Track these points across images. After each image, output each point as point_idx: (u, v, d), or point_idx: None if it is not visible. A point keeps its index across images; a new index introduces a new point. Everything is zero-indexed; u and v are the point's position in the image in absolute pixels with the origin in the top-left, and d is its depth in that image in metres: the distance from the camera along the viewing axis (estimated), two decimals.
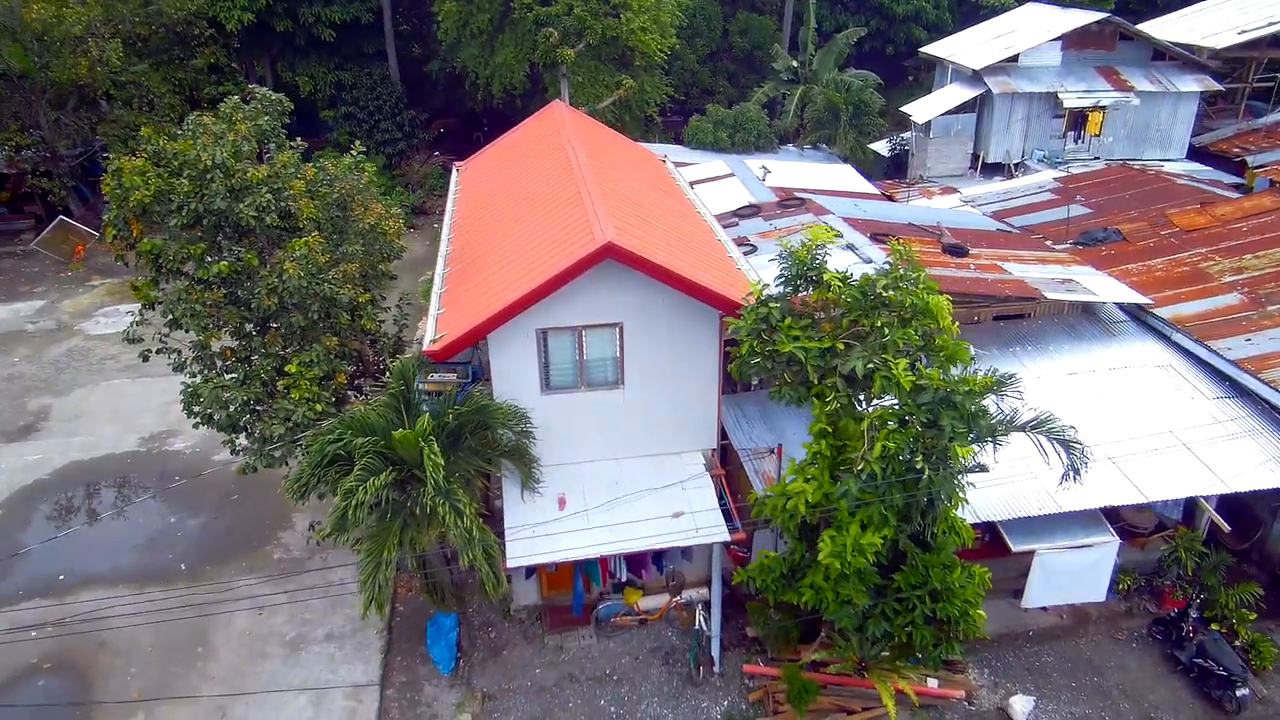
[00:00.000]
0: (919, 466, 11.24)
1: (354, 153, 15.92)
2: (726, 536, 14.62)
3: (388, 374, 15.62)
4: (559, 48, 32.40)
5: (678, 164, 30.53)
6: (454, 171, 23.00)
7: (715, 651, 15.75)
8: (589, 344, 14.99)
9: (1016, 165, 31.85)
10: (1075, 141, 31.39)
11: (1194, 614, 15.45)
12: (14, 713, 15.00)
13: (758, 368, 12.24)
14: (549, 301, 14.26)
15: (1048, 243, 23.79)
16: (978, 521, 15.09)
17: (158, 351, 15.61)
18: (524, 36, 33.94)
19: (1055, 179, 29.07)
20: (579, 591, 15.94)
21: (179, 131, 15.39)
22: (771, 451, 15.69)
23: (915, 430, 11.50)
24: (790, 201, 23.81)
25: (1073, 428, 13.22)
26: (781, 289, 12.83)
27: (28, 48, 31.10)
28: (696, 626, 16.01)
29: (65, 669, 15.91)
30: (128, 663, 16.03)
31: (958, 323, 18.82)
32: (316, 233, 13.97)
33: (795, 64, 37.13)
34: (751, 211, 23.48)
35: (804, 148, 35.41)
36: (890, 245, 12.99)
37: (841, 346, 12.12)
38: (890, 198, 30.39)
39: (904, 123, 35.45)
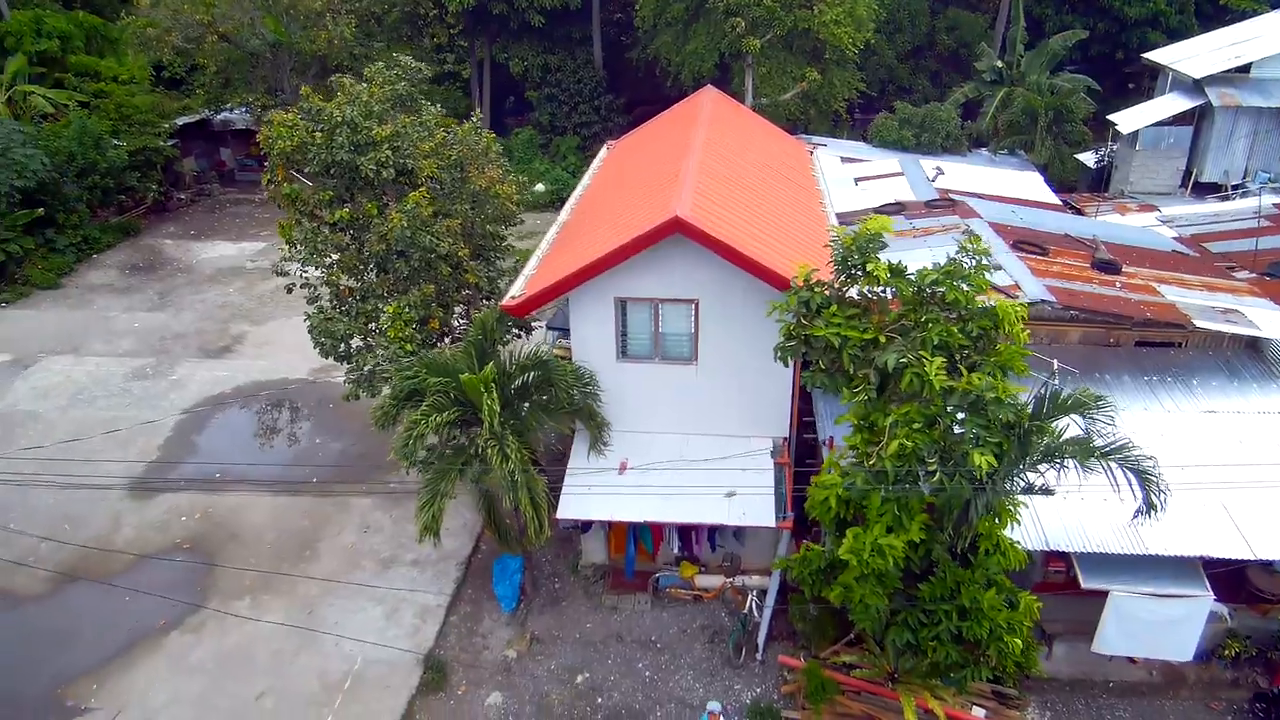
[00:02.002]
0: (931, 468, 10.78)
1: (475, 119, 17.17)
2: (771, 523, 14.60)
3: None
4: (745, 37, 32.59)
5: (849, 159, 30.09)
6: (604, 149, 23.98)
7: (761, 639, 15.71)
8: (665, 317, 15.39)
9: (1235, 186, 28.51)
10: None
11: None
12: (154, 574, 17.59)
13: (791, 351, 12.16)
14: (629, 273, 14.82)
15: (1237, 271, 21.34)
16: (1052, 550, 14.13)
17: (302, 286, 17.71)
18: (715, 26, 34.38)
19: (1276, 204, 25.81)
20: (630, 555, 16.43)
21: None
22: (823, 443, 15.39)
23: (939, 432, 11.03)
24: (939, 203, 22.83)
25: (1151, 459, 12.12)
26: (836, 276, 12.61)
27: (281, 21, 35.49)
28: (746, 611, 16.05)
29: (199, 550, 18.42)
30: (249, 554, 18.29)
31: (1095, 344, 17.84)
32: (423, 188, 15.29)
33: (1000, 64, 35.10)
34: (895, 209, 22.73)
35: (997, 153, 33.48)
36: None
37: (884, 339, 11.79)
38: (1080, 211, 28.28)
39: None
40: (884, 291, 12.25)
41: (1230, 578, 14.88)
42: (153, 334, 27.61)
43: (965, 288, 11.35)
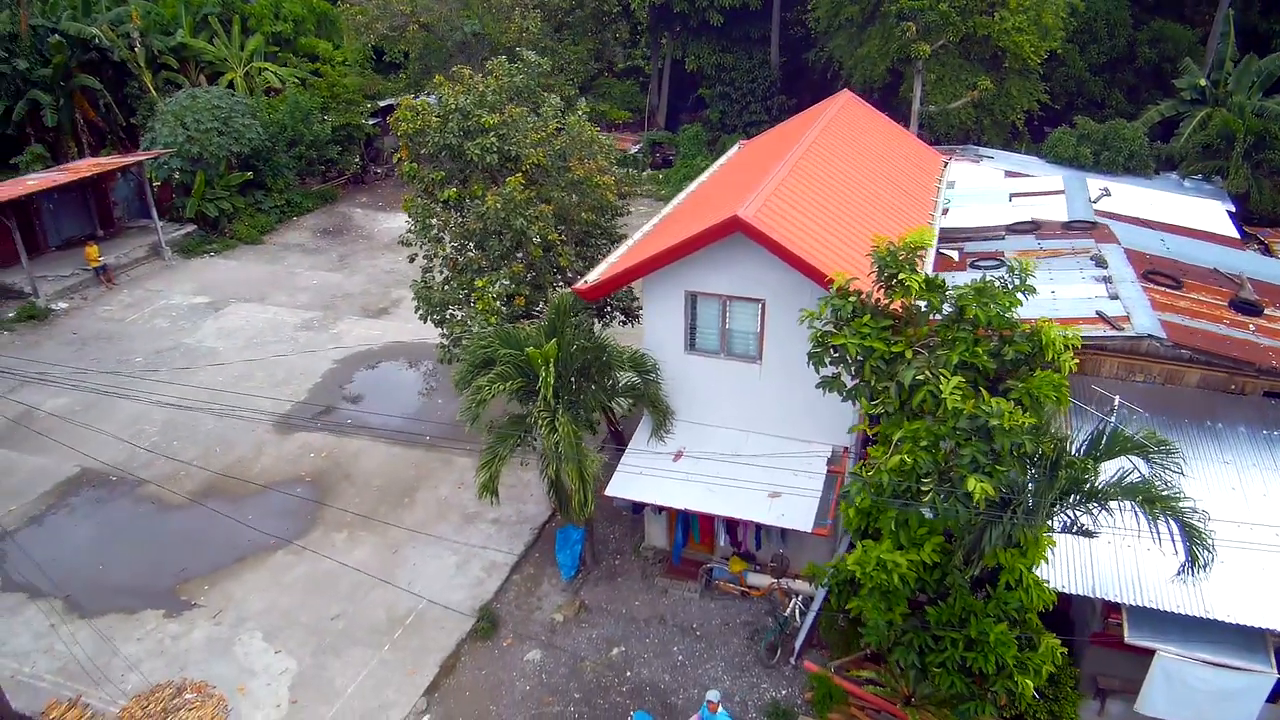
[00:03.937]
0: (925, 488, 10.61)
1: (581, 111, 18.07)
2: (808, 528, 14.65)
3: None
4: (916, 42, 31.72)
5: (1012, 174, 28.78)
6: (735, 146, 24.32)
7: (798, 644, 15.75)
8: (733, 314, 15.73)
9: None
10: None
11: None
12: (276, 500, 19.94)
13: (819, 358, 12.22)
14: (700, 268, 15.31)
15: None
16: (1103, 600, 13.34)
17: (422, 256, 19.41)
18: (889, 30, 33.64)
19: None
20: (678, 542, 16.89)
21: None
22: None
23: (942, 453, 10.82)
24: (1078, 225, 21.50)
25: (1203, 513, 11.32)
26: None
27: (478, 12, 38.21)
28: (788, 613, 16.13)
29: (317, 484, 20.62)
30: (356, 493, 20.29)
31: (1216, 389, 16.45)
32: (521, 174, 16.40)
33: (1203, 82, 32.12)
34: (1029, 228, 21.64)
35: (1187, 177, 30.73)
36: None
37: (910, 355, 11.65)
38: (1267, 248, 25.74)
39: None
40: (924, 306, 12.08)
41: None
42: (326, 291, 30.75)
43: (993, 307, 11.03)
